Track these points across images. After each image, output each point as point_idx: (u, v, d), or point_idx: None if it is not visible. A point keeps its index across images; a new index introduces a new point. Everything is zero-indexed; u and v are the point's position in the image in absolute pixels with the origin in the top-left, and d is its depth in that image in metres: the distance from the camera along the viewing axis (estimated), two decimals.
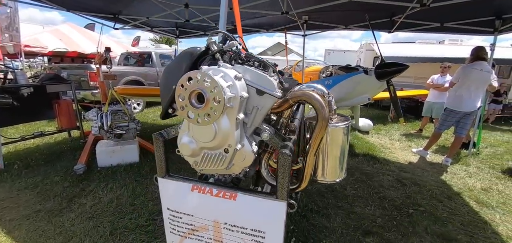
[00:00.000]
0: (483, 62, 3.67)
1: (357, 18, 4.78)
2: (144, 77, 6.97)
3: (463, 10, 3.62)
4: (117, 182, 2.89)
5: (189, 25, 5.28)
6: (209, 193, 0.95)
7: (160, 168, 1.01)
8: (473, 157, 4.29)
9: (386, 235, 2.23)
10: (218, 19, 5.19)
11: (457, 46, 9.44)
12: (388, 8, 3.95)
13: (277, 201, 0.89)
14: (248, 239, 0.95)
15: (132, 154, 3.39)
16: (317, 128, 0.88)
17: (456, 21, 4.18)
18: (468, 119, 3.86)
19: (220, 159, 0.83)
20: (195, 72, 0.68)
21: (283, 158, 0.84)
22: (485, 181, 3.40)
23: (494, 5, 3.38)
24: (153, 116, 6.44)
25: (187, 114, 0.70)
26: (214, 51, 0.91)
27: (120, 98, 3.34)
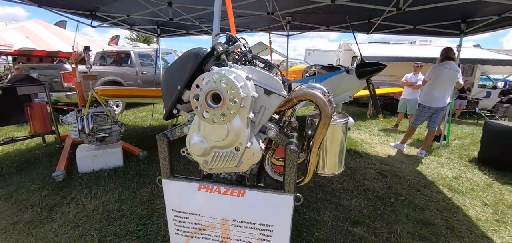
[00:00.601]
0: (451, 61, 4.02)
1: (337, 20, 4.98)
2: (122, 77, 6.67)
3: (434, 14, 3.93)
4: (101, 188, 2.76)
5: (171, 23, 5.15)
6: (217, 192, 0.97)
7: (164, 169, 1.01)
8: (444, 149, 4.68)
9: (372, 224, 2.37)
10: (203, 18, 5.15)
11: (426, 47, 10.16)
12: (366, 11, 4.17)
13: (284, 195, 0.93)
14: (256, 233, 0.98)
15: (116, 158, 3.25)
16: (320, 124, 0.93)
17: (427, 24, 4.52)
18: (439, 114, 4.21)
19: (231, 157, 0.85)
20: (211, 73, 0.69)
21: (291, 153, 0.88)
22: (455, 170, 3.73)
23: (460, 10, 3.71)
24: (134, 118, 6.19)
25: (202, 114, 0.71)
26: (221, 52, 0.93)
27: (101, 99, 3.18)
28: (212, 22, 5.31)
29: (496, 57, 7.99)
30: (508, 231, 2.32)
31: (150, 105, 7.62)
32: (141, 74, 7.25)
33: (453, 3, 3.28)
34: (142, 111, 7.02)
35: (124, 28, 4.98)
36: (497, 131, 3.88)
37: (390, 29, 4.98)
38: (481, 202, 2.82)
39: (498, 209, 2.66)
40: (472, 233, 2.30)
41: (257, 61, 1.06)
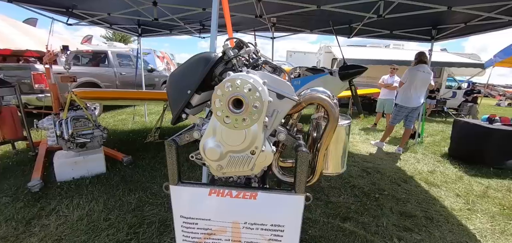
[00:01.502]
0: (425, 64, 4.35)
1: (320, 24, 5.16)
2: (100, 79, 6.31)
3: (408, 21, 4.23)
4: (83, 197, 2.60)
5: (154, 23, 4.98)
6: (228, 196, 0.97)
7: (172, 175, 0.98)
8: (419, 146, 5.04)
9: (360, 219, 2.49)
10: (188, 18, 5.05)
11: (399, 50, 10.85)
12: (348, 16, 4.37)
13: (295, 195, 0.95)
14: (268, 234, 0.99)
15: (98, 164, 3.08)
16: (328, 126, 0.98)
17: (403, 30, 4.85)
18: (415, 113, 4.53)
19: (246, 161, 0.86)
20: (233, 78, 0.70)
21: (303, 155, 0.91)
22: (430, 165, 4.04)
23: (431, 18, 4.03)
24: (113, 121, 5.88)
25: (223, 119, 0.72)
26: (231, 57, 0.93)
27: (81, 102, 2.99)
28: (197, 23, 5.24)
29: (460, 60, 8.78)
30: (479, 219, 2.57)
31: (130, 108, 7.30)
32: (120, 75, 6.92)
33: (426, 12, 3.55)
34: (121, 114, 6.69)
35: (103, 27, 4.72)
36: (465, 128, 4.27)
37: (369, 33, 5.26)
38: (454, 193, 3.09)
39: (469, 199, 2.94)
40: (448, 222, 2.51)
41: (262, 65, 1.08)
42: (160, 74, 9.50)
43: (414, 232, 2.33)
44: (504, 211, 2.70)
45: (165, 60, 12.66)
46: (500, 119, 4.14)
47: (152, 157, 3.76)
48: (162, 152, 3.97)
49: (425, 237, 2.26)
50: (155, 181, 3.05)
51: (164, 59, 12.65)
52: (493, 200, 2.93)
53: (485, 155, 3.85)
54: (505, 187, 3.27)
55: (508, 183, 3.40)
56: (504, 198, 2.99)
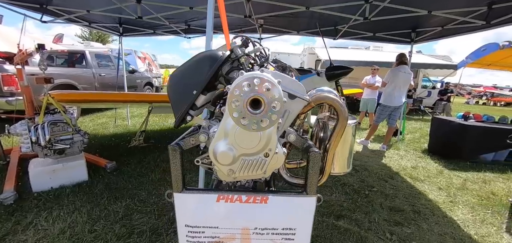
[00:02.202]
0: (405, 65, 4.56)
1: (307, 25, 5.24)
2: (76, 81, 5.92)
3: (391, 24, 4.42)
4: (64, 208, 2.40)
5: (136, 22, 4.77)
6: (238, 201, 0.92)
7: (176, 182, 0.92)
8: (401, 143, 5.28)
9: (353, 216, 2.54)
10: (173, 18, 4.90)
11: (379, 52, 11.34)
12: (333, 18, 4.48)
13: (307, 197, 0.93)
14: (278, 238, 0.96)
15: (79, 172, 2.87)
16: (338, 126, 0.97)
17: (385, 32, 5.06)
18: (397, 112, 4.74)
19: (259, 164, 0.82)
20: (252, 77, 0.66)
21: (315, 156, 0.89)
22: (412, 160, 4.24)
23: (411, 21, 4.24)
24: (93, 126, 5.54)
25: (240, 120, 0.67)
26: (239, 56, 0.89)
27: (59, 105, 2.77)
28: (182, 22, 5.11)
29: (434, 61, 9.35)
30: (461, 210, 2.72)
31: (111, 111, 6.95)
32: (99, 76, 6.55)
33: (407, 15, 3.73)
34: (101, 118, 6.34)
35: (81, 25, 4.43)
36: (442, 125, 4.53)
37: (354, 35, 5.42)
38: (436, 187, 3.26)
39: (450, 192, 3.11)
40: (434, 214, 2.63)
41: (266, 64, 1.05)
42: (142, 75, 9.16)
43: (404, 226, 2.42)
44: (482, 201, 2.89)
45: (147, 61, 12.22)
46: (474, 116, 4.46)
47: (137, 162, 3.59)
48: (149, 157, 3.80)
49: (415, 230, 2.35)
50: (142, 187, 2.91)
51: (146, 60, 12.20)
52: (472, 192, 3.13)
53: (461, 150, 4.12)
54: (481, 179, 3.51)
55: (483, 175, 3.65)
56: (480, 189, 3.20)
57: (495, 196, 3.02)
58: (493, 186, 3.29)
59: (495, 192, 3.12)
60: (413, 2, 3.41)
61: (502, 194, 3.05)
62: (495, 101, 18.58)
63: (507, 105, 17.48)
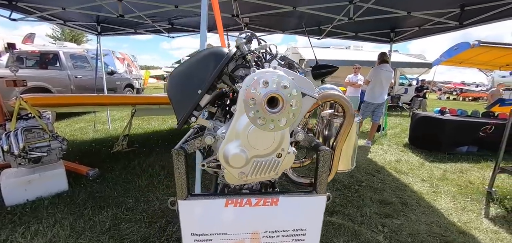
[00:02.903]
0: (387, 64, 4.76)
1: (292, 25, 5.29)
2: (50, 83, 5.52)
3: (372, 24, 4.59)
4: (43, 221, 2.21)
5: (116, 20, 4.54)
6: (247, 205, 0.89)
7: (181, 189, 0.87)
8: (384, 138, 5.51)
9: (346, 211, 2.59)
10: (156, 16, 4.71)
11: (359, 51, 11.76)
12: (318, 18, 4.57)
13: (317, 196, 0.92)
14: (289, 240, 0.94)
15: (58, 181, 2.66)
16: (345, 123, 0.97)
17: (366, 32, 5.24)
18: (380, 109, 4.93)
19: (273, 165, 0.79)
20: (271, 74, 0.63)
21: (325, 154, 0.89)
22: (396, 155, 4.43)
23: (391, 22, 4.43)
24: (70, 131, 5.18)
25: (257, 120, 0.64)
26: (246, 53, 0.86)
27: (34, 110, 2.55)
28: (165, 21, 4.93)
29: (410, 60, 9.89)
30: (443, 199, 2.88)
31: (89, 115, 6.55)
32: (75, 78, 6.15)
33: (388, 16, 3.90)
34: (79, 122, 5.95)
35: (55, 24, 4.11)
36: (421, 120, 4.79)
37: (337, 35, 5.57)
38: (420, 179, 3.43)
39: (433, 183, 3.29)
40: (420, 205, 2.76)
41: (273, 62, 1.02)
42: (122, 77, 8.76)
43: (394, 217, 2.51)
44: (461, 190, 3.09)
45: (126, 62, 11.69)
46: (449, 111, 4.76)
47: (122, 168, 3.40)
48: (134, 162, 3.62)
49: (404, 221, 2.45)
50: (129, 194, 2.76)
51: (125, 61, 11.67)
52: (451, 182, 3.33)
53: (439, 142, 4.38)
54: (458, 169, 3.76)
55: (460, 166, 3.90)
56: (459, 179, 3.42)
57: (472, 184, 3.24)
58: (470, 176, 3.53)
59: (472, 181, 3.35)
60: (394, 3, 3.56)
61: (478, 183, 3.28)
62: (464, 96, 20.11)
63: (474, 100, 18.97)
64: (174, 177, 0.87)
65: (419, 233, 2.26)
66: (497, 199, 2.79)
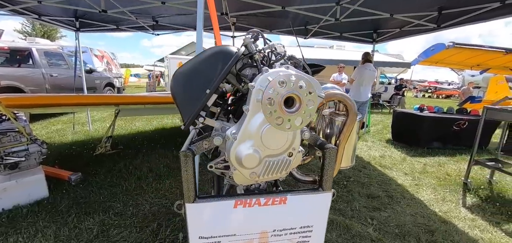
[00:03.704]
0: (370, 63, 4.96)
1: (279, 24, 5.34)
2: (23, 82, 5.13)
3: (356, 25, 4.75)
4: (23, 232, 2.06)
5: (96, 16, 4.31)
6: (256, 205, 0.89)
7: (188, 192, 0.84)
8: (367, 134, 5.73)
9: (336, 206, 2.68)
10: (140, 12, 4.55)
11: (342, 51, 12.13)
12: (305, 18, 4.65)
13: (323, 193, 0.94)
14: (296, 238, 0.96)
15: (37, 187, 2.49)
16: (348, 121, 1.00)
17: (350, 32, 5.42)
18: (365, 107, 5.13)
19: (284, 164, 0.80)
20: (288, 74, 0.63)
21: (331, 151, 0.91)
22: (379, 150, 4.63)
23: (373, 23, 4.62)
24: (46, 133, 4.85)
25: (274, 120, 0.64)
26: (254, 52, 0.86)
27: (9, 112, 2.35)
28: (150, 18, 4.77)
29: (390, 60, 10.36)
30: (425, 191, 3.07)
31: (66, 116, 6.19)
32: (50, 77, 5.77)
33: (372, 17, 4.05)
34: (56, 124, 5.59)
35: (29, 18, 3.81)
36: (402, 117, 5.04)
37: (323, 35, 5.70)
38: (402, 173, 3.61)
39: (415, 176, 3.48)
40: (404, 197, 2.92)
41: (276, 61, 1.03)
42: (101, 75, 8.35)
43: (382, 210, 2.63)
44: (441, 182, 3.30)
45: (105, 60, 11.14)
46: (427, 108, 5.05)
47: (107, 171, 3.25)
48: (119, 164, 3.47)
49: (391, 213, 2.57)
50: (117, 198, 2.65)
51: (103, 59, 11.12)
52: (431, 175, 3.54)
53: (419, 138, 4.64)
54: (437, 163, 4.01)
55: (438, 159, 4.17)
56: (438, 172, 3.65)
57: (450, 176, 3.47)
58: (447, 168, 3.78)
59: (449, 173, 3.59)
60: (378, 5, 3.71)
61: (455, 175, 3.53)
62: (437, 94, 21.49)
63: (447, 97, 20.32)
64: (182, 180, 0.85)
65: (405, 224, 2.39)
66: (472, 189, 3.02)
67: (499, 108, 2.96)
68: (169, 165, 3.60)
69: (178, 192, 2.85)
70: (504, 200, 2.81)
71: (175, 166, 3.56)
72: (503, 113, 2.81)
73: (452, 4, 3.36)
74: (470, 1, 3.11)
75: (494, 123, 4.69)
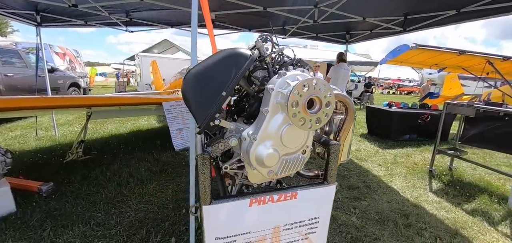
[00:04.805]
0: (345, 63, 5.26)
1: (258, 24, 5.40)
2: None
3: (331, 26, 5.00)
4: None
5: (61, 10, 3.94)
6: (270, 201, 0.93)
7: (205, 194, 0.85)
8: None
9: None
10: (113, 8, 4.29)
11: (315, 50, 12.63)
12: (282, 18, 4.77)
13: (329, 186, 1.02)
14: (304, 230, 1.02)
15: (3, 202, 2.23)
16: (347, 119, 1.09)
17: (325, 33, 5.68)
18: None
19: (299, 161, 0.85)
20: (310, 78, 0.68)
21: (335, 147, 0.98)
22: (355, 144, 4.95)
23: (347, 25, 4.91)
24: (3, 140, 4.31)
25: (298, 120, 0.68)
26: (266, 55, 0.89)
27: None
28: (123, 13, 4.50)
29: (359, 59, 11.07)
30: (397, 179, 3.37)
31: (25, 120, 5.57)
32: (4, 77, 5.13)
33: (346, 20, 4.31)
34: (13, 129, 4.99)
35: None
36: (374, 113, 5.45)
37: (300, 35, 5.90)
38: (377, 164, 3.92)
39: (387, 167, 3.80)
40: (380, 187, 3.18)
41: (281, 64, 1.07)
42: (65, 75, 7.64)
43: (362, 200, 2.84)
44: (410, 171, 3.65)
45: (67, 58, 10.20)
46: (395, 104, 5.53)
47: (82, 179, 3.02)
48: (95, 171, 3.24)
49: (370, 201, 2.79)
50: (97, 208, 2.48)
51: (66, 56, 10.16)
52: (401, 165, 3.90)
53: (389, 131, 5.06)
54: (405, 154, 4.42)
55: (406, 150, 4.60)
56: (407, 162, 4.03)
57: (417, 165, 3.86)
58: (414, 158, 4.19)
59: (416, 162, 3.98)
60: (352, 9, 3.96)
61: (421, 164, 3.93)
62: (400, 90, 23.53)
63: (409, 93, 22.32)
64: (198, 183, 0.85)
65: (383, 210, 2.61)
66: (436, 176, 3.40)
67: (457, 103, 3.37)
68: (150, 168, 3.46)
69: (164, 196, 2.77)
70: (463, 184, 3.22)
71: (157, 169, 3.43)
72: (461, 107, 3.21)
73: (416, 10, 3.72)
74: (432, 8, 3.48)
75: (453, 116, 5.31)
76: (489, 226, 2.39)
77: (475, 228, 2.35)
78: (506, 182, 3.31)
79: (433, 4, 3.36)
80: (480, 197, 2.88)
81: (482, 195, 2.92)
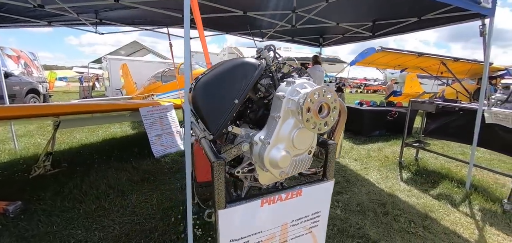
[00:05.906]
0: (319, 65, 5.54)
1: (236, 26, 5.45)
2: None
3: (306, 30, 5.24)
4: None
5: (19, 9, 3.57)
6: (279, 200, 0.99)
7: (220, 199, 0.88)
8: None
9: None
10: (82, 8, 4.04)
11: (288, 52, 13.03)
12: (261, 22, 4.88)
13: (328, 181, 1.11)
14: (308, 224, 1.10)
15: None
16: (340, 120, 1.20)
17: (301, 37, 5.94)
18: None
19: (306, 161, 0.92)
20: (320, 87, 0.75)
21: (332, 146, 1.08)
22: None
23: (321, 30, 5.19)
24: None
25: (311, 125, 0.75)
26: (272, 65, 0.95)
27: None
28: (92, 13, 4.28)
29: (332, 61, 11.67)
30: (372, 172, 3.66)
31: None
32: None
33: (320, 25, 4.57)
34: None
35: None
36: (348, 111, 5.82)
37: (277, 38, 6.08)
38: (353, 159, 4.21)
39: (363, 161, 4.10)
40: (358, 180, 3.42)
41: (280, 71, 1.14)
42: (21, 80, 6.89)
43: (343, 193, 3.04)
44: (382, 164, 3.99)
45: (22, 61, 9.18)
46: (365, 103, 5.97)
47: (54, 195, 2.78)
48: (69, 185, 3.00)
49: (351, 194, 3.00)
50: (75, 224, 2.32)
51: (20, 60, 9.13)
52: (374, 159, 4.24)
53: (361, 128, 5.45)
54: (377, 148, 4.80)
55: (377, 145, 4.99)
56: (379, 155, 4.39)
57: (388, 158, 4.23)
58: (385, 152, 4.58)
59: (387, 156, 4.36)
60: (326, 15, 4.21)
61: (392, 157, 4.31)
62: (367, 89, 25.31)
63: (374, 92, 24.10)
64: (214, 188, 0.88)
65: (363, 202, 2.83)
66: (406, 167, 3.77)
67: (420, 101, 3.79)
68: (131, 178, 3.29)
69: (149, 206, 2.67)
70: (428, 172, 3.61)
71: (138, 179, 3.28)
72: (423, 104, 3.62)
73: (382, 17, 4.09)
74: (396, 15, 3.86)
75: (416, 112, 5.90)
76: (452, 207, 2.73)
77: (441, 210, 2.67)
78: (462, 168, 3.80)
79: (399, 11, 3.72)
80: (442, 183, 3.27)
81: (444, 181, 3.32)
